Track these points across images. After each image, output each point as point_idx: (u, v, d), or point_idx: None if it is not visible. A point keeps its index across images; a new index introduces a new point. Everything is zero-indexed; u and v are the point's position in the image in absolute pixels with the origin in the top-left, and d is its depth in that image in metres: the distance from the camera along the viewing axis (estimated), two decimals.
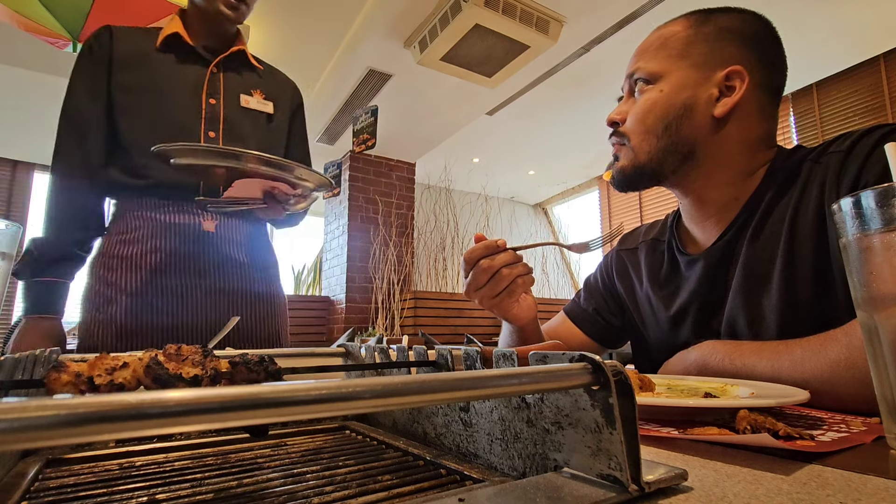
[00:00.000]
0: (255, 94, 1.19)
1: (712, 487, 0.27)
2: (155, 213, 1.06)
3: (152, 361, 0.29)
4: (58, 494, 0.31)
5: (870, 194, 0.35)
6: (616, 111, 0.77)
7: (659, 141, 0.72)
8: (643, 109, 0.73)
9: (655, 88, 0.73)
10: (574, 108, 4.25)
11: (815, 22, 3.13)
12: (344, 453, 0.40)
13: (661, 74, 0.73)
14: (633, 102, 0.76)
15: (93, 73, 1.08)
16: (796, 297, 0.64)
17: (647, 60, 0.75)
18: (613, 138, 0.78)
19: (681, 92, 0.71)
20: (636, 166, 0.75)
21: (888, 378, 0.35)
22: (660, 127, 0.72)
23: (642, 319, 0.87)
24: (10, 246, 0.42)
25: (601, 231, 5.86)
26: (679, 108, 0.71)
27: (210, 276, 1.08)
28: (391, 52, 3.20)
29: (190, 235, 1.07)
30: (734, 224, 0.72)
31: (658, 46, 0.75)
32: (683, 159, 0.73)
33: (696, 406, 0.42)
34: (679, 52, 0.73)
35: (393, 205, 4.84)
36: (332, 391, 0.19)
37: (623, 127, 0.76)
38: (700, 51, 0.72)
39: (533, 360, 0.29)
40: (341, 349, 0.60)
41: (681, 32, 0.74)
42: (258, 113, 1.18)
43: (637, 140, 0.74)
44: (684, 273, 0.79)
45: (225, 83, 1.15)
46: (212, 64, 1.14)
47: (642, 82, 0.74)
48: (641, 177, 0.75)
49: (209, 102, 1.12)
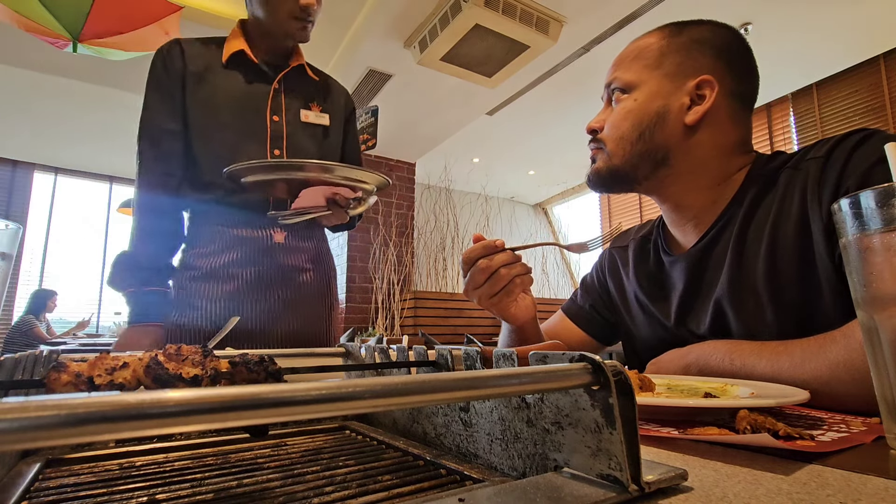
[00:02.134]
0: (312, 107, 1.22)
1: (712, 487, 0.27)
2: (229, 227, 1.13)
3: (152, 361, 0.29)
4: (58, 494, 0.31)
5: (870, 194, 0.35)
6: (595, 119, 0.81)
7: (633, 147, 0.75)
8: (619, 117, 0.77)
9: (630, 98, 0.76)
10: (574, 108, 4.26)
11: (815, 22, 3.13)
12: (344, 453, 0.40)
13: (636, 84, 0.76)
14: (610, 111, 0.79)
15: (169, 89, 1.12)
16: (781, 300, 0.65)
17: (623, 71, 0.78)
18: (592, 144, 0.82)
19: (654, 101, 0.74)
20: (610, 168, 0.78)
21: (888, 378, 0.35)
22: (634, 134, 0.75)
23: (630, 316, 0.88)
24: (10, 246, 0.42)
25: (601, 231, 5.86)
26: (652, 115, 0.74)
27: (280, 284, 1.15)
28: (391, 52, 3.20)
29: (261, 247, 1.14)
30: (713, 228, 0.74)
31: (633, 57, 0.78)
32: (657, 165, 0.75)
33: (696, 406, 0.42)
34: (653, 63, 0.76)
35: (393, 205, 4.84)
36: (332, 391, 0.19)
37: (601, 134, 0.79)
38: (673, 61, 0.75)
39: (533, 360, 0.29)
40: (341, 349, 0.60)
41: (655, 44, 0.77)
42: (316, 126, 1.22)
43: (612, 146, 0.77)
44: (668, 272, 0.81)
45: (286, 100, 1.19)
46: (274, 81, 1.17)
47: (618, 91, 0.78)
48: (615, 179, 0.79)
49: (273, 120, 1.16)
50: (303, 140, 1.19)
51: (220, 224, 1.13)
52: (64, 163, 5.43)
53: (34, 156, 5.24)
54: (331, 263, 1.29)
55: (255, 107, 1.15)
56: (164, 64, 1.13)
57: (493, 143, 5.03)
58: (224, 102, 1.13)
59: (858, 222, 0.36)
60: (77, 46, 2.34)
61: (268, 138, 1.14)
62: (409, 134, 4.43)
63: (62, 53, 2.65)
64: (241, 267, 1.12)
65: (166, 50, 1.14)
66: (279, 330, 1.14)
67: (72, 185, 5.63)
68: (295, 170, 1.00)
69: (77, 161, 5.39)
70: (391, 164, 4.93)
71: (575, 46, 3.19)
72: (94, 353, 0.32)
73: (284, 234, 1.16)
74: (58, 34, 2.29)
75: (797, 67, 3.64)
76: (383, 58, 3.26)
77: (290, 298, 1.17)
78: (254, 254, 1.13)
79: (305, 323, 1.19)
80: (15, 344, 4.39)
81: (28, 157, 5.24)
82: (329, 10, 2.93)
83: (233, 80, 1.15)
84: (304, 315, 1.19)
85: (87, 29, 2.28)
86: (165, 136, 1.11)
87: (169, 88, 1.12)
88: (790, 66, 3.61)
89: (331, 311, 1.26)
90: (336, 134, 1.27)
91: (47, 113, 4.28)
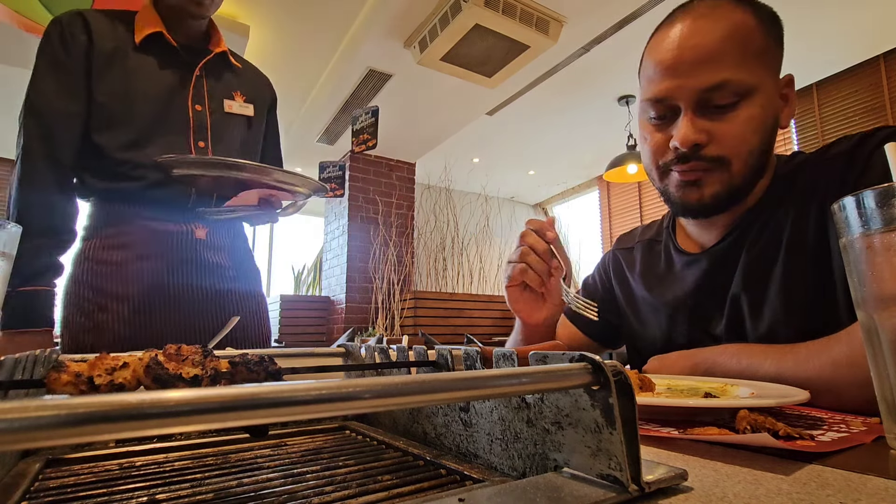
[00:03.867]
0: (236, 96, 1.17)
1: (712, 487, 0.27)
2: (147, 221, 1.04)
3: (152, 361, 0.29)
4: (58, 494, 0.31)
5: (870, 194, 0.35)
6: (696, 130, 0.64)
7: (757, 161, 0.66)
8: (747, 129, 0.64)
9: (755, 103, 0.63)
10: (574, 108, 4.25)
11: (815, 22, 3.13)
12: (344, 453, 0.40)
13: (757, 86, 0.64)
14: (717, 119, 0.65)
15: (67, 68, 0.99)
16: (797, 299, 0.64)
17: (735, 69, 0.63)
18: (697, 164, 0.66)
19: (772, 105, 0.66)
20: (732, 189, 0.66)
21: (888, 378, 0.35)
22: (763, 147, 0.65)
23: (637, 317, 0.87)
24: (10, 246, 0.42)
25: (601, 230, 5.87)
26: (772, 123, 0.66)
27: (202, 282, 1.09)
28: (391, 52, 3.20)
29: (183, 243, 1.07)
30: (737, 227, 0.72)
31: (742, 48, 0.63)
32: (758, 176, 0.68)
33: (696, 406, 0.42)
34: (764, 59, 0.65)
35: (393, 205, 4.84)
36: (332, 391, 0.19)
37: (710, 149, 0.65)
38: (774, 56, 0.67)
39: (533, 361, 0.29)
40: (341, 349, 0.60)
41: (754, 29, 0.64)
42: (240, 117, 1.17)
43: (741, 163, 0.65)
44: (680, 273, 0.79)
45: (209, 89, 1.12)
46: (196, 68, 1.10)
47: (734, 95, 0.63)
48: (735, 201, 0.68)
49: (195, 109, 1.09)
50: (227, 131, 1.13)
51: (133, 216, 1.04)
52: None
53: None
54: (252, 264, 1.23)
55: (175, 95, 1.06)
56: (61, 38, 1.00)
57: (493, 143, 5.02)
58: (138, 88, 1.03)
59: (859, 222, 0.36)
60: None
61: (191, 129, 1.08)
62: (409, 134, 4.42)
63: None
64: (157, 262, 1.03)
65: (66, 21, 1.01)
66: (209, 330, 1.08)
67: None
68: (235, 169, 0.95)
69: None
70: (391, 164, 4.93)
71: (575, 46, 3.18)
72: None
73: (206, 229, 1.10)
74: None
75: (797, 67, 3.64)
76: (383, 58, 3.26)
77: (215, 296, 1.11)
78: (173, 249, 1.05)
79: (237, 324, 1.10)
80: None
81: None
82: (329, 10, 2.94)
83: (148, 65, 1.05)
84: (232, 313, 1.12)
85: None
86: (59, 117, 0.99)
87: (67, 65, 0.99)
88: (790, 67, 3.58)
89: (259, 307, 1.20)
90: (258, 124, 1.22)
91: None
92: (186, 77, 1.09)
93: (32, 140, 0.97)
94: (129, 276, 1.02)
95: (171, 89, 1.07)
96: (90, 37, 1.01)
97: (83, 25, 1.01)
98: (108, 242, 1.03)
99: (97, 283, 1.01)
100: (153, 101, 1.05)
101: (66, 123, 0.99)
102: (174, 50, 1.08)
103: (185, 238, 1.07)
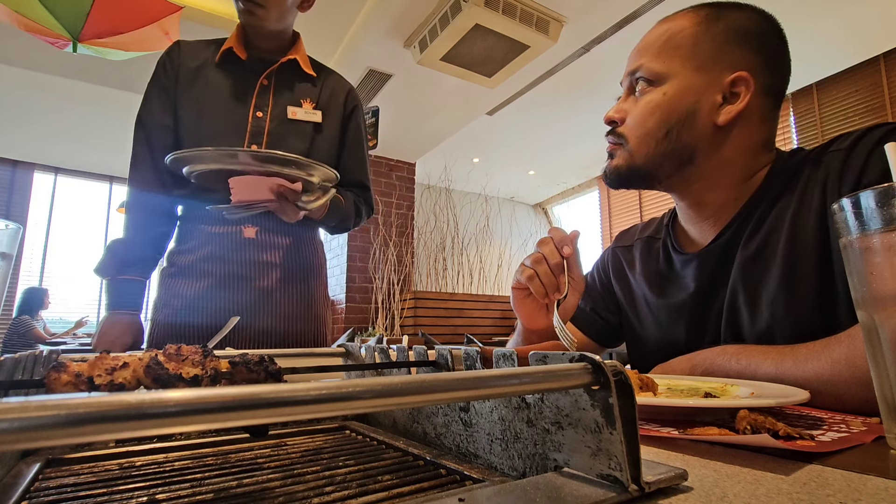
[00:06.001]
0: (304, 103, 1.20)
1: (712, 487, 0.27)
2: (204, 224, 1.14)
3: (152, 361, 0.29)
4: (58, 494, 0.31)
5: (870, 194, 0.35)
6: (615, 109, 0.74)
7: (658, 146, 0.70)
8: (644, 112, 0.70)
9: (658, 90, 0.70)
10: (574, 108, 4.26)
11: (815, 22, 3.13)
12: (344, 453, 0.40)
13: (666, 76, 0.69)
14: (633, 101, 0.73)
15: (164, 87, 1.15)
16: (797, 296, 0.64)
17: (650, 58, 0.71)
18: (610, 137, 0.75)
19: (685, 97, 0.69)
20: (631, 167, 0.73)
21: (888, 378, 0.35)
22: (661, 132, 0.70)
23: (637, 317, 0.87)
24: (10, 246, 0.42)
25: (601, 230, 5.87)
26: (682, 113, 0.69)
27: (250, 280, 1.14)
28: (391, 52, 3.20)
29: (231, 243, 1.14)
30: (732, 224, 0.72)
31: (663, 43, 0.71)
32: (681, 165, 0.71)
33: (696, 406, 0.42)
34: (686, 53, 0.69)
35: (393, 205, 4.84)
36: (332, 391, 0.19)
37: (621, 127, 0.73)
38: (707, 52, 0.68)
39: (533, 361, 0.29)
40: (341, 349, 0.60)
41: (688, 29, 0.70)
42: (305, 123, 1.19)
43: (635, 143, 0.72)
44: (680, 271, 0.79)
45: (274, 96, 1.17)
46: (261, 76, 1.17)
47: (644, 82, 0.71)
48: (636, 178, 0.74)
49: (255, 116, 1.15)
50: (287, 137, 1.16)
51: (196, 221, 1.15)
52: (64, 163, 5.43)
53: (34, 156, 5.24)
54: (311, 260, 1.24)
55: (239, 102, 1.15)
56: (163, 64, 1.17)
57: (493, 143, 5.03)
58: (210, 98, 1.14)
59: (858, 222, 0.36)
60: (77, 46, 2.34)
61: (247, 133, 1.13)
62: (409, 134, 4.43)
63: (62, 53, 2.65)
64: (211, 263, 1.12)
65: (168, 49, 1.19)
66: (251, 328, 1.12)
67: (72, 185, 5.64)
68: (228, 158, 0.94)
69: (77, 161, 5.39)
70: (391, 164, 4.93)
71: (575, 46, 3.18)
72: (94, 352, 0.32)
73: (256, 229, 1.15)
74: (58, 34, 2.29)
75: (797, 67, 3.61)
76: (383, 58, 3.26)
77: (260, 296, 1.14)
78: (224, 250, 1.13)
79: (279, 321, 1.15)
80: (14, 346, 4.39)
81: (28, 157, 5.24)
82: (329, 10, 2.93)
83: (220, 78, 1.16)
84: (277, 313, 1.15)
85: (87, 29, 2.28)
86: (157, 129, 1.14)
87: (164, 85, 1.15)
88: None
89: (309, 309, 1.21)
90: (331, 131, 1.22)
91: (47, 113, 4.28)
92: (251, 86, 1.17)
93: (137, 150, 1.15)
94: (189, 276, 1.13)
95: (235, 98, 1.15)
96: (181, 58, 1.17)
97: (178, 50, 1.19)
98: (179, 247, 1.17)
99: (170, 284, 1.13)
100: (218, 109, 1.14)
101: (162, 134, 1.14)
102: (244, 63, 1.17)
103: (233, 238, 1.14)
